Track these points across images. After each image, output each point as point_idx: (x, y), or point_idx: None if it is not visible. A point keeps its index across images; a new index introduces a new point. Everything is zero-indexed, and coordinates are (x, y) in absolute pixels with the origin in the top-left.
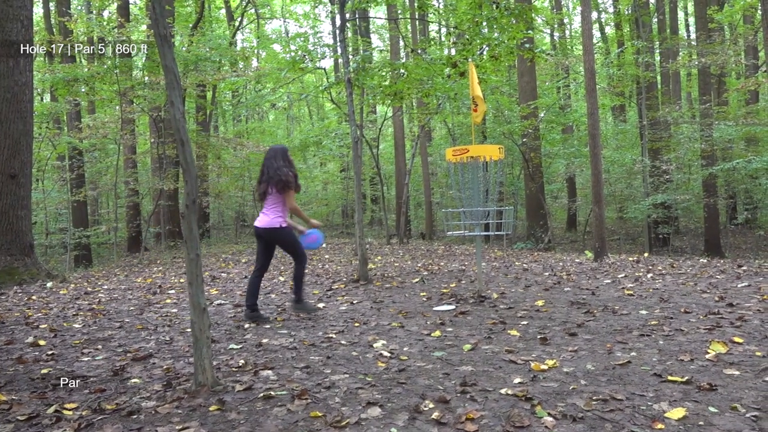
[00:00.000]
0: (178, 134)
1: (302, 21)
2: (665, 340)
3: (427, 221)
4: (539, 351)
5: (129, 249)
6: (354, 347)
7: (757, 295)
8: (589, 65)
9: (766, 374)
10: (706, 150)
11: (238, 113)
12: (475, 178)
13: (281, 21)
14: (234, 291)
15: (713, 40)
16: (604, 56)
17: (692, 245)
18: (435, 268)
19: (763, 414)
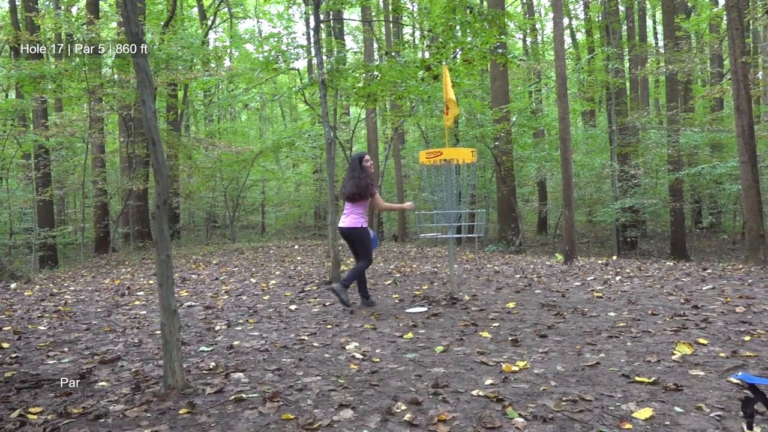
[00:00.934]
0: (150, 134)
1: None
2: (633, 342)
3: (400, 223)
4: (510, 352)
5: (96, 250)
6: (326, 349)
7: (721, 297)
8: (560, 70)
9: (729, 375)
10: (672, 155)
11: (210, 113)
12: (448, 180)
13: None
14: (204, 293)
15: (680, 48)
16: (575, 62)
17: (659, 248)
18: (407, 270)
19: (727, 414)
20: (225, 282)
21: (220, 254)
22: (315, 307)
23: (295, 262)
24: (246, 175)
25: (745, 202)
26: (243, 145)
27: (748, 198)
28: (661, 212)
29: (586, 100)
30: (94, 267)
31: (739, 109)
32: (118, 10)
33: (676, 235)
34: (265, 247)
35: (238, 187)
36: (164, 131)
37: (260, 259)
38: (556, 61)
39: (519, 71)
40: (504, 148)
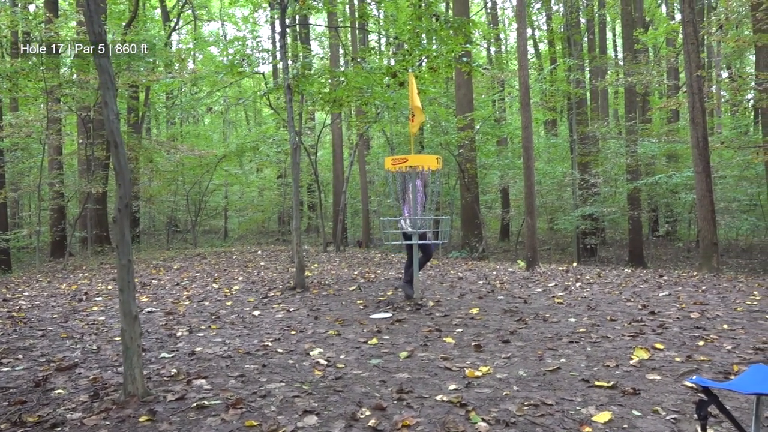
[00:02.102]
0: (112, 136)
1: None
2: (592, 347)
3: (364, 229)
4: (473, 358)
5: (52, 254)
6: (290, 355)
7: (676, 303)
8: (523, 80)
9: (684, 379)
10: (631, 165)
11: (172, 116)
12: (413, 187)
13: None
14: (165, 298)
15: (639, 61)
16: (537, 72)
17: (617, 255)
18: (372, 276)
19: (682, 416)
20: (186, 287)
21: (182, 259)
22: (279, 313)
23: (259, 268)
24: (209, 179)
25: (699, 211)
26: (206, 148)
27: (702, 207)
28: (620, 220)
29: (548, 109)
30: (50, 272)
31: (694, 121)
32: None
33: (633, 243)
34: (228, 252)
35: (201, 191)
36: (125, 133)
37: (223, 264)
38: (520, 70)
39: (483, 80)
40: (468, 156)
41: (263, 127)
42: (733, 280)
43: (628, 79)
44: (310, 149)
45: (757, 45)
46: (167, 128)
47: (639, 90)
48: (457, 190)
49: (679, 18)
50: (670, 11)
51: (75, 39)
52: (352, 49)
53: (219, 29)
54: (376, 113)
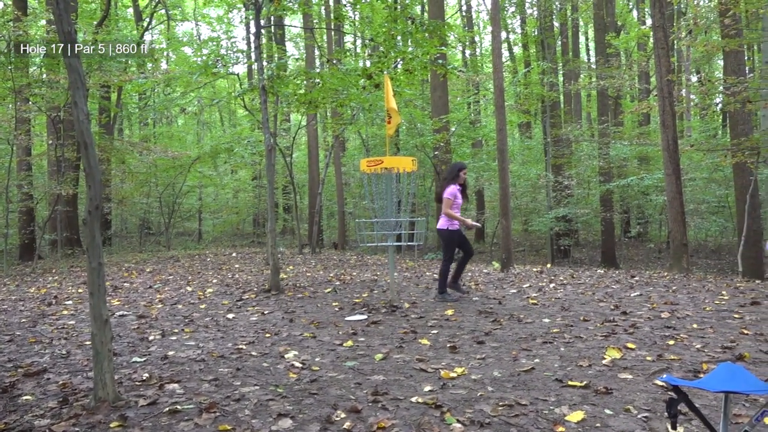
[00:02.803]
0: (82, 137)
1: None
2: (566, 347)
3: (340, 231)
4: (449, 359)
5: (21, 257)
6: (265, 358)
7: (647, 303)
8: (498, 83)
9: (655, 377)
10: (603, 167)
11: (145, 117)
12: (389, 189)
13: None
14: (138, 302)
15: (611, 65)
16: (512, 75)
17: (590, 257)
18: (347, 278)
19: (653, 415)
20: (159, 290)
21: (155, 262)
22: (253, 316)
23: (233, 270)
24: (182, 180)
25: (669, 213)
26: (179, 150)
27: (672, 209)
28: (593, 222)
29: (523, 112)
30: (19, 275)
31: (665, 124)
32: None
33: (606, 244)
34: (202, 255)
35: (174, 193)
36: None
37: (197, 266)
38: (494, 73)
39: (458, 82)
40: (443, 158)
41: (238, 129)
42: (702, 280)
43: (601, 82)
44: (286, 151)
45: (725, 50)
46: (140, 129)
47: (611, 93)
48: (433, 191)
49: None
50: (641, 16)
51: (45, 38)
52: (328, 51)
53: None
54: (352, 115)
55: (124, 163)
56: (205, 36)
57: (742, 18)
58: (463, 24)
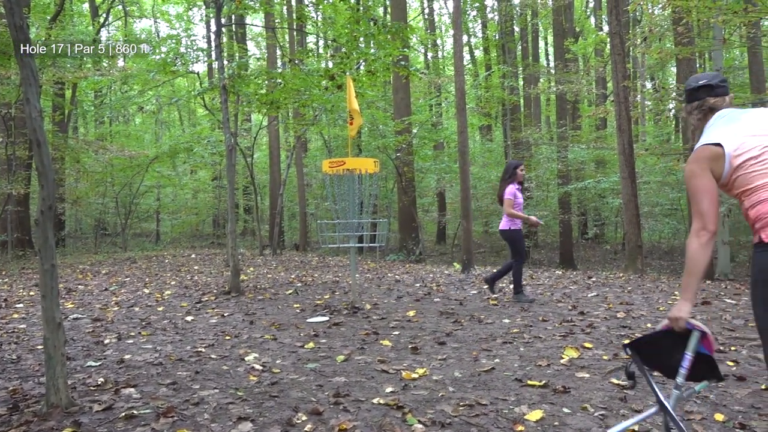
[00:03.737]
0: (34, 134)
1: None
2: (525, 347)
3: (302, 232)
4: (410, 360)
5: None
6: (224, 361)
7: (604, 304)
8: (459, 86)
9: (611, 376)
10: (562, 170)
11: (101, 115)
12: (351, 190)
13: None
14: (93, 304)
15: (569, 70)
16: (473, 78)
17: (549, 258)
18: (309, 280)
19: (609, 413)
20: (115, 293)
21: (111, 263)
22: (213, 318)
23: (192, 272)
24: (140, 180)
25: (625, 215)
26: (137, 149)
27: (627, 211)
28: (551, 224)
29: (484, 115)
30: None
31: (621, 129)
32: None
33: (564, 246)
34: (160, 256)
35: (131, 193)
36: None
37: (154, 268)
38: (456, 76)
39: (420, 84)
40: (405, 159)
41: (198, 128)
42: (656, 281)
43: (559, 87)
44: (246, 151)
45: (678, 57)
46: (95, 127)
47: (569, 98)
48: (395, 193)
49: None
50: (598, 23)
51: None
52: (290, 51)
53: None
54: (314, 116)
55: (79, 162)
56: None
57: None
58: (425, 26)
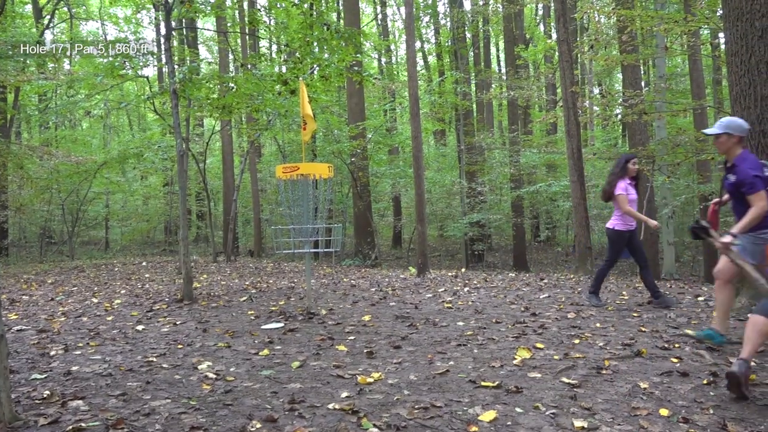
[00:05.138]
0: None
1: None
2: (479, 349)
3: (256, 238)
4: (366, 364)
5: None
6: (177, 370)
7: (555, 305)
8: (413, 91)
9: (562, 375)
10: (514, 174)
11: (45, 120)
12: (305, 195)
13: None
14: (38, 315)
15: (520, 76)
16: (427, 83)
17: (503, 261)
18: (264, 286)
19: (560, 411)
20: (62, 303)
21: (57, 273)
22: (165, 327)
23: (143, 280)
24: (87, 187)
25: (575, 218)
26: (84, 155)
27: (577, 214)
28: (505, 227)
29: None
30: None
31: (569, 134)
32: None
33: (517, 248)
34: (109, 265)
35: (79, 200)
36: None
37: (103, 277)
38: (409, 82)
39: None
40: (360, 164)
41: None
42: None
43: (511, 92)
44: (199, 156)
45: (623, 64)
46: (40, 132)
47: (521, 103)
48: (350, 198)
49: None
50: (547, 30)
51: None
52: (243, 55)
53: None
54: (268, 120)
55: (23, 169)
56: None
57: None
58: (378, 32)
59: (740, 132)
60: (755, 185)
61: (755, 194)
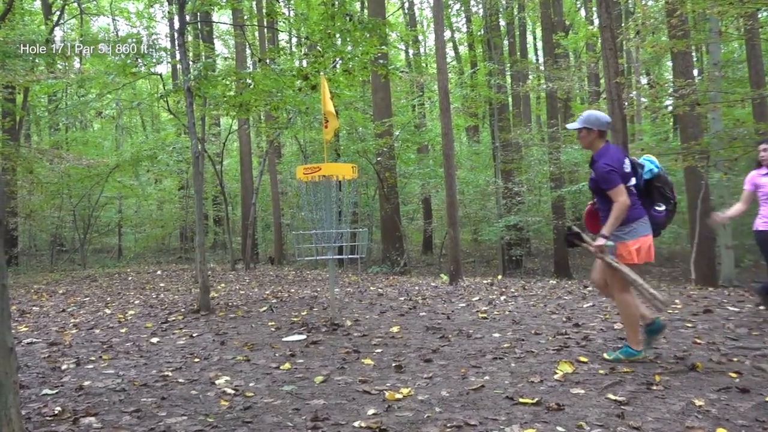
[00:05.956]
0: None
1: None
2: (517, 363)
3: (277, 245)
4: (394, 379)
5: None
6: (193, 385)
7: (600, 314)
8: (442, 84)
9: (608, 392)
10: (554, 172)
11: (56, 121)
12: (328, 198)
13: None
14: (49, 327)
15: (559, 66)
16: (458, 76)
17: (543, 267)
18: (285, 296)
19: (606, 430)
20: (74, 314)
21: (68, 282)
22: (180, 339)
23: (158, 290)
24: (99, 191)
25: None
26: (96, 157)
27: None
28: (545, 230)
29: (470, 115)
30: None
31: (614, 128)
32: None
33: (559, 253)
34: (123, 274)
35: (90, 205)
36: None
37: (116, 287)
38: (438, 74)
39: (401, 83)
40: (387, 164)
41: (162, 134)
42: (656, 289)
43: (549, 84)
44: (215, 158)
45: (673, 51)
46: (50, 135)
47: (560, 95)
48: (377, 200)
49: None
50: (589, 15)
51: None
52: (260, 49)
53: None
54: (288, 118)
55: (32, 173)
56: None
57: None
58: (405, 22)
59: (599, 126)
60: (611, 180)
61: (613, 190)
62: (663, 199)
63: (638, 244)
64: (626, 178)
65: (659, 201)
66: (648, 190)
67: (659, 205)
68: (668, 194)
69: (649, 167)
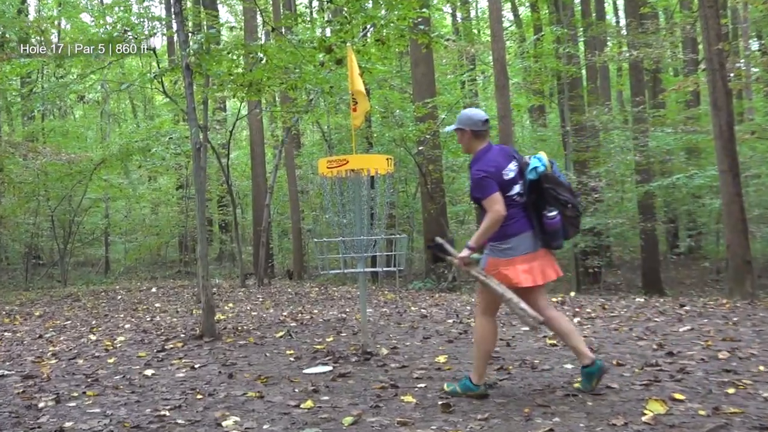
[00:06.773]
0: None
1: None
2: (594, 401)
3: (296, 255)
4: (440, 421)
5: None
6: (195, 427)
7: (700, 341)
8: (499, 55)
9: None
10: (641, 163)
11: (30, 108)
12: (358, 197)
13: None
14: (23, 356)
15: (646, 29)
16: (517, 44)
17: (628, 281)
18: (306, 318)
19: None
20: (53, 341)
21: (46, 302)
22: (180, 371)
23: (153, 311)
24: (82, 192)
25: (726, 221)
26: (78, 151)
27: (730, 216)
28: (630, 235)
29: (534, 92)
30: None
31: (716, 106)
32: None
33: (648, 264)
34: (110, 292)
35: (72, 209)
36: None
37: (103, 308)
38: (493, 43)
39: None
40: (431, 155)
41: (156, 121)
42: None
43: (634, 52)
44: (221, 150)
45: None
46: (23, 125)
47: (648, 66)
48: (418, 200)
49: None
50: None
51: None
52: (274, 17)
53: None
54: (308, 100)
55: (3, 171)
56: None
57: None
58: None
59: (471, 125)
60: (484, 188)
61: (486, 199)
62: (555, 202)
63: (525, 264)
64: (507, 186)
65: (551, 205)
66: (537, 194)
67: (550, 210)
68: (562, 196)
69: (533, 165)
